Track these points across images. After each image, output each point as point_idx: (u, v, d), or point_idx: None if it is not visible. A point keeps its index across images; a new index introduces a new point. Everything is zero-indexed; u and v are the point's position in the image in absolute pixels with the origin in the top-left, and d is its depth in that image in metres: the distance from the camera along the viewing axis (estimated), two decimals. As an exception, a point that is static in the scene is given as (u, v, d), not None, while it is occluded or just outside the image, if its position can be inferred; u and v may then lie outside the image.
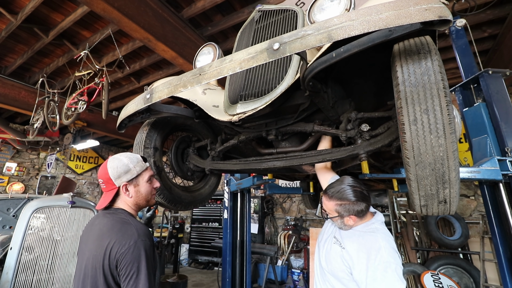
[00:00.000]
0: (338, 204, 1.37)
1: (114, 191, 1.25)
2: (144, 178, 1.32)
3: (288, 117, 1.56)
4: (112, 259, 1.05)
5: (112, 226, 1.14)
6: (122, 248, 1.05)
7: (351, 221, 1.38)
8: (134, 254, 1.05)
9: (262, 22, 1.74)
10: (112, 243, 1.07)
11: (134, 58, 4.97)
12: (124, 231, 1.11)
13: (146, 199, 1.33)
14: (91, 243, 1.15)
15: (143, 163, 1.34)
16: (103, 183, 1.27)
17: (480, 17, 3.64)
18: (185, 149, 2.18)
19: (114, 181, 1.24)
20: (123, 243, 1.06)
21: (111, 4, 3.06)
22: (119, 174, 1.25)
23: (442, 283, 3.53)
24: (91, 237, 1.17)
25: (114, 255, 1.05)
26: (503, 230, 2.04)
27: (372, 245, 1.26)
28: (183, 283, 4.66)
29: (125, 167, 1.26)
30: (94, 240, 1.14)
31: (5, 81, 5.26)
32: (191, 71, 1.08)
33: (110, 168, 1.25)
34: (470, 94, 2.47)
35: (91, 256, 1.11)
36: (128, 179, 1.26)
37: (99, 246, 1.09)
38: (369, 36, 0.89)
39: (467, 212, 4.96)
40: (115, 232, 1.11)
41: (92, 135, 7.65)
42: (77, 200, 2.97)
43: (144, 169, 1.33)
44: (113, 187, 1.25)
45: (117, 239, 1.07)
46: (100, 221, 1.21)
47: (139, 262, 1.05)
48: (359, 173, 2.15)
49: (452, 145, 0.86)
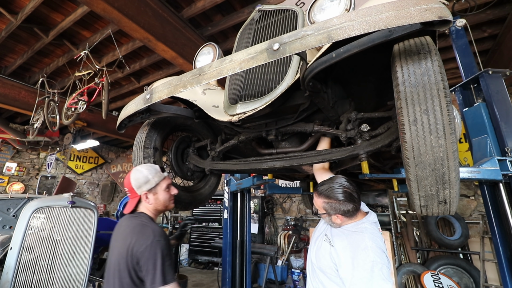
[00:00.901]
0: (326, 202, 1.39)
1: (136, 198, 1.44)
2: (162, 187, 1.48)
3: (288, 117, 1.55)
4: (133, 257, 1.22)
5: (134, 228, 1.32)
6: (140, 247, 1.22)
7: (339, 220, 1.39)
8: (151, 253, 1.21)
9: (262, 22, 1.74)
10: (133, 243, 1.24)
11: (134, 58, 4.97)
12: (142, 232, 1.28)
13: (164, 205, 1.50)
14: (118, 242, 1.35)
15: (161, 174, 1.50)
16: (128, 191, 1.47)
17: (480, 17, 3.64)
18: (185, 149, 2.18)
19: (136, 190, 1.42)
20: (141, 243, 1.23)
21: (111, 4, 3.06)
22: (140, 185, 1.42)
23: (442, 283, 3.53)
24: (118, 237, 1.36)
25: (134, 253, 1.22)
26: (503, 230, 2.04)
27: (358, 245, 1.27)
28: (183, 283, 4.66)
29: (145, 178, 1.43)
30: (120, 240, 1.33)
31: (5, 81, 5.26)
32: (191, 71, 1.08)
33: (132, 179, 1.44)
34: (470, 94, 2.47)
35: (118, 253, 1.29)
36: (147, 189, 1.43)
37: (123, 245, 1.27)
38: (369, 37, 0.89)
39: (467, 212, 4.96)
40: (136, 233, 1.28)
41: (92, 135, 7.65)
42: (77, 200, 2.97)
43: (162, 179, 1.49)
44: (136, 195, 1.44)
45: (136, 240, 1.25)
46: (125, 223, 1.40)
47: (155, 259, 1.21)
48: (359, 173, 2.16)
49: (452, 146, 0.86)
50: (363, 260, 1.21)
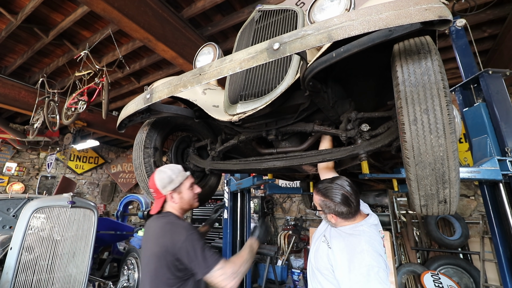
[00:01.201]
0: (322, 200, 1.40)
1: (162, 198, 1.49)
2: (185, 186, 1.53)
3: (288, 117, 1.55)
4: (173, 254, 1.29)
5: (163, 227, 1.38)
6: (177, 244, 1.29)
7: (333, 219, 1.40)
8: (189, 246, 1.29)
9: (262, 22, 1.74)
10: (168, 242, 1.31)
11: (134, 58, 4.97)
12: (174, 231, 1.35)
13: (189, 203, 1.55)
14: (149, 242, 1.41)
15: (184, 173, 1.55)
16: (154, 192, 1.51)
17: (480, 17, 3.64)
18: (185, 149, 2.18)
19: (161, 191, 1.47)
20: (176, 240, 1.30)
21: (111, 4, 3.06)
22: (164, 185, 1.46)
23: (442, 283, 3.53)
24: (150, 238, 1.42)
25: (172, 251, 1.29)
26: (503, 230, 2.04)
27: (355, 248, 1.26)
28: (183, 283, 4.66)
29: (169, 178, 1.47)
30: (151, 240, 1.39)
31: (5, 81, 5.26)
32: (191, 71, 1.08)
33: (157, 180, 1.47)
34: (470, 94, 2.47)
35: (151, 253, 1.35)
36: (172, 188, 1.47)
37: (157, 244, 1.34)
38: (369, 36, 0.89)
39: (467, 212, 4.96)
40: (168, 232, 1.35)
41: (92, 135, 7.65)
42: (77, 200, 2.97)
43: (185, 178, 1.54)
44: (161, 196, 1.48)
45: (171, 238, 1.31)
46: (154, 224, 1.45)
47: (194, 248, 1.29)
48: (359, 173, 2.16)
49: (452, 145, 0.86)
50: (359, 264, 1.21)
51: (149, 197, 1.87)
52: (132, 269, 3.85)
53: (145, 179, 1.82)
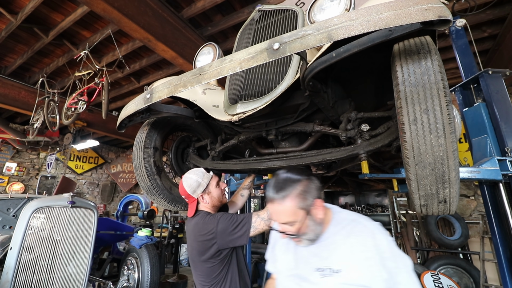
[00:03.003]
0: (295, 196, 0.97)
1: (195, 202, 1.63)
2: (213, 185, 1.66)
3: (288, 117, 1.55)
4: (212, 242, 1.45)
5: (197, 225, 1.54)
6: (213, 231, 1.46)
7: (320, 212, 1.02)
8: (223, 227, 1.46)
9: (262, 22, 1.74)
10: (206, 236, 1.47)
11: (134, 58, 4.97)
12: (207, 222, 1.51)
13: (219, 200, 1.69)
14: (190, 240, 1.59)
15: (208, 174, 1.67)
16: (186, 198, 1.65)
17: (480, 17, 3.64)
18: (185, 149, 2.18)
19: (192, 195, 1.60)
20: (211, 229, 1.47)
21: (111, 4, 3.06)
22: (194, 189, 1.59)
23: (442, 283, 3.53)
24: (190, 236, 1.59)
25: (211, 238, 1.45)
26: (503, 230, 2.04)
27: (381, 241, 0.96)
28: (183, 283, 4.66)
29: (196, 183, 1.60)
30: (191, 237, 1.57)
31: (5, 81, 5.26)
32: (191, 71, 1.08)
33: (186, 187, 1.60)
34: (470, 94, 2.47)
35: (193, 249, 1.56)
36: (201, 191, 1.60)
37: (197, 241, 1.51)
38: (369, 36, 0.89)
39: (467, 212, 4.96)
40: (203, 228, 1.50)
41: (92, 135, 7.65)
42: (77, 200, 2.97)
43: (210, 179, 1.66)
44: (194, 199, 1.62)
45: (207, 231, 1.47)
46: (191, 225, 1.61)
47: (227, 226, 1.46)
48: (359, 173, 2.16)
49: (452, 145, 0.86)
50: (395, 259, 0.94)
51: (151, 199, 1.88)
52: (132, 269, 3.85)
53: (145, 179, 1.82)
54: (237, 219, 1.49)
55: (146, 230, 4.17)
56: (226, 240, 1.46)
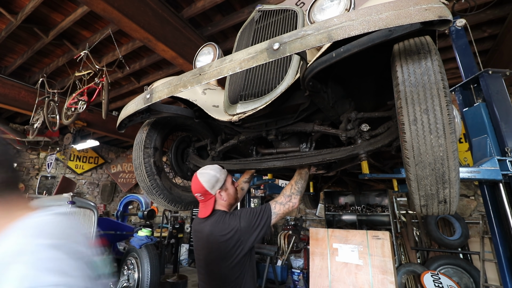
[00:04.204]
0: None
1: (213, 199, 1.52)
2: (228, 182, 1.58)
3: (288, 117, 1.55)
4: (236, 240, 1.39)
5: (217, 226, 1.44)
6: (236, 227, 1.40)
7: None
8: (246, 222, 1.42)
9: (262, 22, 1.74)
10: (228, 233, 1.40)
11: (134, 58, 4.97)
12: (229, 221, 1.43)
13: (235, 197, 1.61)
14: (206, 243, 1.46)
15: (224, 170, 1.59)
16: (201, 196, 1.51)
17: (480, 17, 3.64)
18: (185, 149, 2.18)
19: (210, 191, 1.50)
20: (234, 226, 1.41)
21: (111, 4, 3.06)
22: (213, 185, 1.50)
23: (442, 283, 3.53)
24: (205, 239, 1.46)
25: (235, 236, 1.39)
26: (503, 230, 2.04)
27: None
28: (183, 283, 4.66)
29: (215, 178, 1.51)
30: (209, 240, 1.44)
31: (5, 81, 5.26)
32: (191, 71, 1.08)
33: (203, 182, 1.49)
34: (470, 94, 2.47)
35: (210, 252, 1.43)
36: (219, 187, 1.52)
37: (215, 242, 1.41)
38: (369, 36, 0.89)
39: (467, 212, 4.96)
40: (227, 228, 1.42)
41: (92, 135, 7.65)
42: (77, 200, 2.97)
43: (227, 175, 1.58)
44: (211, 196, 1.51)
45: (230, 230, 1.40)
46: (207, 226, 1.48)
47: (250, 220, 1.43)
48: (359, 173, 2.16)
49: (452, 145, 0.86)
50: None
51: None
52: (132, 269, 3.85)
53: (145, 179, 1.82)
54: (257, 210, 1.46)
55: (146, 230, 4.17)
56: (252, 235, 1.41)
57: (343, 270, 2.49)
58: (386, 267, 2.32)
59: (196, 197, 1.55)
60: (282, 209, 1.49)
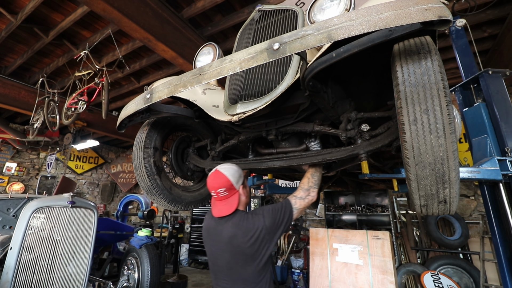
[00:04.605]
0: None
1: (237, 194, 1.47)
2: (245, 179, 1.57)
3: (288, 117, 1.55)
4: (263, 239, 1.35)
5: (239, 225, 1.38)
6: (262, 228, 1.36)
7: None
8: (271, 221, 1.38)
9: (262, 22, 1.74)
10: (255, 233, 1.35)
11: (134, 58, 4.97)
12: (253, 221, 1.38)
13: (249, 196, 1.60)
14: (228, 246, 1.39)
15: (240, 167, 1.56)
16: (225, 191, 1.44)
17: (480, 17, 3.64)
18: (185, 149, 2.18)
19: (235, 186, 1.45)
20: (260, 224, 1.37)
21: (111, 4, 3.06)
22: (237, 179, 1.46)
23: (442, 283, 3.53)
24: (226, 240, 1.39)
25: (262, 235, 1.35)
26: (503, 230, 2.04)
27: None
28: (183, 283, 4.66)
29: (238, 172, 1.48)
30: (232, 242, 1.37)
31: (5, 81, 5.26)
32: (191, 71, 1.08)
33: (229, 176, 1.44)
34: (470, 94, 2.47)
35: (236, 254, 1.36)
36: (242, 182, 1.50)
37: (242, 244, 1.35)
38: (369, 36, 0.89)
39: (467, 212, 4.96)
40: (252, 228, 1.36)
41: (92, 135, 7.65)
42: (77, 200, 2.97)
43: (243, 171, 1.55)
44: (235, 192, 1.46)
45: (254, 227, 1.36)
46: (229, 225, 1.41)
47: (274, 216, 1.39)
48: (359, 173, 2.16)
49: (452, 145, 0.86)
50: None
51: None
52: (132, 269, 3.85)
53: (145, 179, 1.82)
54: (279, 207, 1.43)
55: (146, 230, 4.17)
56: (276, 232, 1.39)
57: (343, 270, 2.48)
58: (386, 267, 2.32)
59: (216, 194, 1.45)
60: (303, 204, 1.48)
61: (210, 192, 1.49)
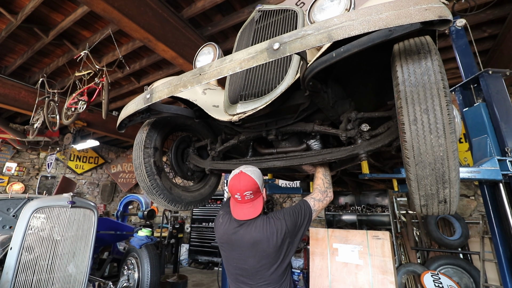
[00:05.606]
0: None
1: (261, 197, 1.45)
2: None
3: (288, 117, 1.55)
4: (286, 241, 1.37)
5: (263, 228, 1.37)
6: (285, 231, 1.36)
7: None
8: (293, 223, 1.39)
9: (262, 22, 1.74)
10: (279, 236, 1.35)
11: (134, 58, 4.97)
12: (275, 224, 1.38)
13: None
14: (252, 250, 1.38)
15: None
16: (252, 194, 1.40)
17: (480, 17, 3.64)
18: (185, 149, 2.18)
19: (261, 188, 1.45)
20: (282, 227, 1.37)
21: (111, 4, 3.06)
22: (262, 182, 1.46)
23: (442, 283, 3.53)
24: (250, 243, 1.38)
25: (285, 237, 1.36)
26: (503, 230, 2.04)
27: None
28: (183, 283, 4.66)
29: (261, 175, 1.47)
30: (256, 246, 1.37)
31: (5, 81, 5.26)
32: (191, 71, 1.08)
33: (256, 178, 1.42)
34: (470, 94, 2.47)
35: (261, 257, 1.36)
36: (263, 185, 1.49)
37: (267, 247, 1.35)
38: (369, 36, 0.89)
39: (467, 212, 4.96)
40: (270, 231, 1.36)
41: (92, 135, 7.65)
42: (77, 200, 2.96)
43: None
44: (260, 195, 1.45)
45: (277, 230, 1.36)
46: (252, 228, 1.39)
47: (295, 218, 1.40)
48: (359, 173, 2.16)
49: (452, 145, 0.86)
50: None
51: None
52: (132, 269, 3.85)
53: (145, 179, 1.82)
54: (298, 209, 1.43)
55: (146, 230, 4.17)
56: (297, 234, 1.41)
57: (343, 270, 2.48)
58: (386, 267, 2.31)
59: (241, 197, 1.40)
60: (321, 205, 1.50)
61: (233, 194, 1.43)
